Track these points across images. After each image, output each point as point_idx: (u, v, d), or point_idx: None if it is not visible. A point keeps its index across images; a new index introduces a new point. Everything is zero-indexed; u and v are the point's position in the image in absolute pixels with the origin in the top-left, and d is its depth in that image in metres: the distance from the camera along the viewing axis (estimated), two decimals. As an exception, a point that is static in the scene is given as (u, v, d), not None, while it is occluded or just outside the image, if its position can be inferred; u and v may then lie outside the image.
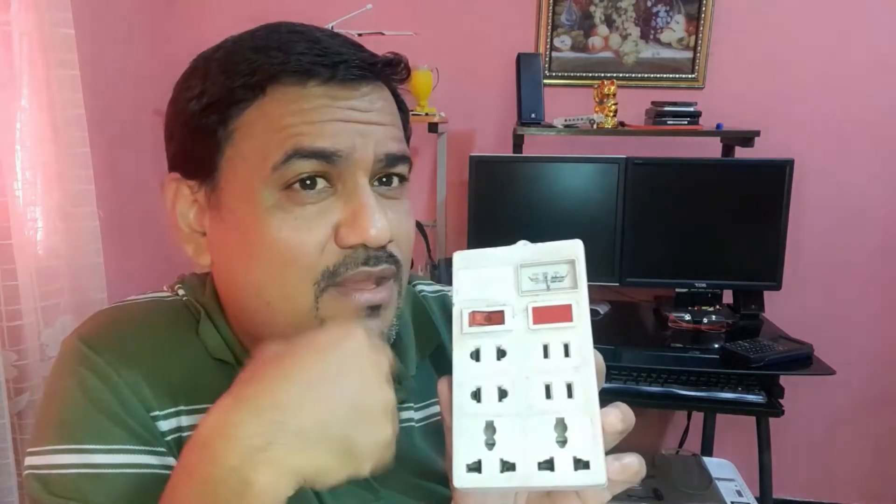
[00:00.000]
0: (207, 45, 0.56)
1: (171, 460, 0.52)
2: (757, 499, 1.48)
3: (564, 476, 0.38)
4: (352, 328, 0.44)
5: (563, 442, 0.38)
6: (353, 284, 0.51)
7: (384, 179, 0.54)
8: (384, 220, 0.50)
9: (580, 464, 0.38)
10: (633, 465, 0.40)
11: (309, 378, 0.41)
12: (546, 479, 0.38)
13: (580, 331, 0.41)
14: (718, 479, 1.45)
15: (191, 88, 0.53)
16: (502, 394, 0.40)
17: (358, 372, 0.42)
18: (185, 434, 0.53)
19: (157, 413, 0.52)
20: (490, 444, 0.39)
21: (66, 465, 0.49)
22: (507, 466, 0.39)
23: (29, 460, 0.51)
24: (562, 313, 0.41)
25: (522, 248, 0.44)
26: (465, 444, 0.39)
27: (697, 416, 2.18)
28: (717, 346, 1.82)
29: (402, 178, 0.55)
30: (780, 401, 1.70)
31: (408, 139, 0.58)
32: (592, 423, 0.38)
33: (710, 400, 1.70)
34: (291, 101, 0.50)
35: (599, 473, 0.37)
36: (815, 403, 2.25)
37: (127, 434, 0.50)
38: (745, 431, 1.96)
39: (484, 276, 0.44)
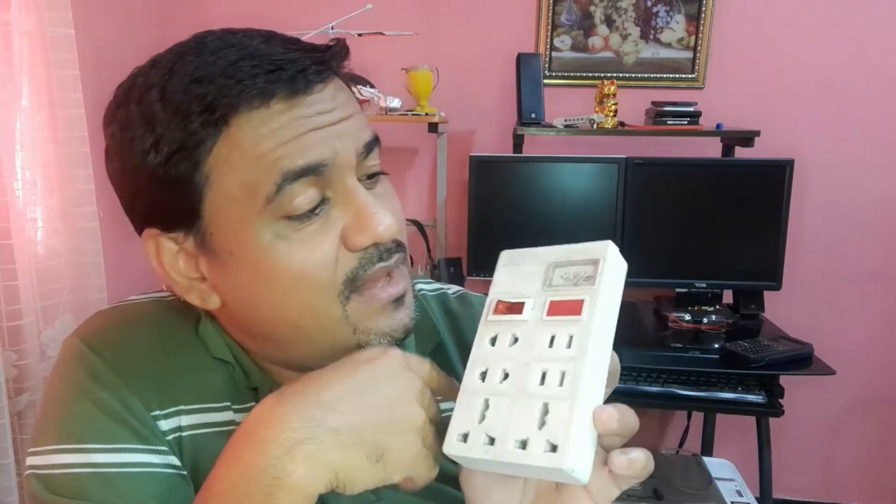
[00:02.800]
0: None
1: (172, 459, 0.52)
2: (757, 499, 1.48)
3: (533, 456, 0.39)
4: (389, 348, 0.49)
5: (542, 425, 0.40)
6: (372, 283, 0.51)
7: (364, 178, 0.53)
8: (389, 215, 0.50)
9: (552, 447, 0.39)
10: (639, 460, 0.40)
11: (348, 385, 0.45)
12: (518, 457, 0.40)
13: (587, 325, 0.42)
14: (718, 479, 1.45)
15: (139, 140, 0.48)
16: (505, 376, 0.43)
17: (391, 387, 0.46)
18: (184, 434, 0.53)
19: (157, 413, 0.52)
20: (481, 419, 0.42)
21: (68, 465, 0.49)
22: (489, 441, 0.41)
23: (30, 460, 0.51)
24: (573, 307, 0.43)
25: (560, 248, 0.47)
26: (461, 417, 0.43)
27: (697, 416, 2.18)
28: (717, 346, 1.82)
29: (378, 167, 0.54)
30: (780, 401, 1.71)
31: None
32: (571, 411, 0.39)
33: (710, 400, 1.70)
34: (260, 125, 0.47)
35: (564, 459, 0.38)
36: (815, 403, 2.25)
37: (128, 433, 0.50)
38: (745, 431, 1.96)
39: (520, 272, 0.47)
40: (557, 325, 0.43)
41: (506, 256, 0.49)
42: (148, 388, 0.52)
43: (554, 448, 0.39)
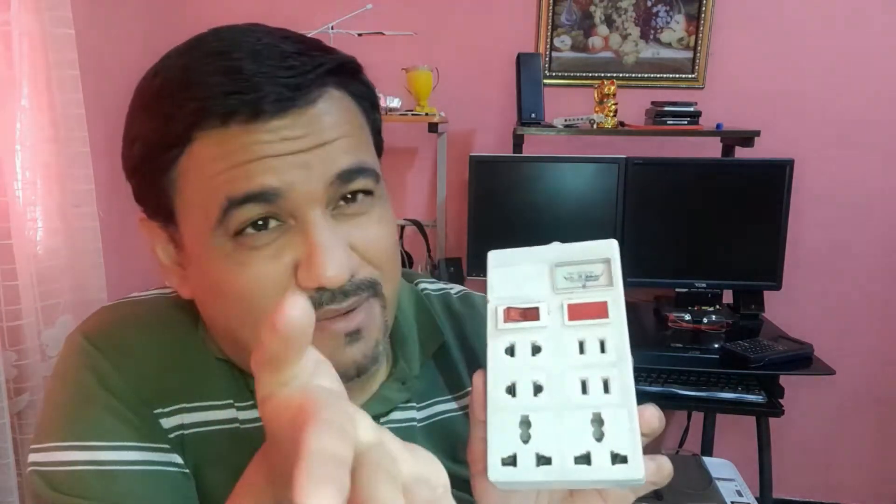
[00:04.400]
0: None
1: (174, 457, 0.52)
2: (757, 499, 1.48)
3: (602, 470, 0.37)
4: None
5: (599, 437, 0.38)
6: (324, 319, 0.49)
7: (348, 197, 0.49)
8: (341, 258, 0.47)
9: (618, 458, 0.37)
10: (667, 466, 0.40)
11: None
12: (583, 474, 0.38)
13: (616, 327, 0.41)
14: (718, 479, 1.45)
15: (130, 128, 0.50)
16: (537, 389, 0.40)
17: None
18: (187, 432, 0.53)
19: (159, 410, 0.52)
20: (525, 439, 0.39)
21: (71, 462, 0.49)
22: (543, 461, 0.38)
23: (32, 457, 0.51)
24: (597, 310, 0.41)
25: (557, 248, 0.44)
26: (500, 439, 0.40)
27: (697, 416, 2.18)
28: (717, 345, 1.82)
29: (367, 193, 0.50)
30: (780, 401, 1.70)
31: (379, 132, 0.55)
32: (630, 418, 0.38)
33: (710, 400, 1.70)
34: (215, 144, 0.46)
35: (637, 468, 0.37)
36: (815, 403, 2.25)
37: (131, 431, 0.50)
38: (745, 431, 1.96)
39: (518, 274, 0.44)
40: (584, 330, 0.41)
41: (495, 258, 0.45)
42: (150, 386, 0.52)
43: (620, 458, 0.37)
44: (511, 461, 0.39)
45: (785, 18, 2.11)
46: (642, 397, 0.37)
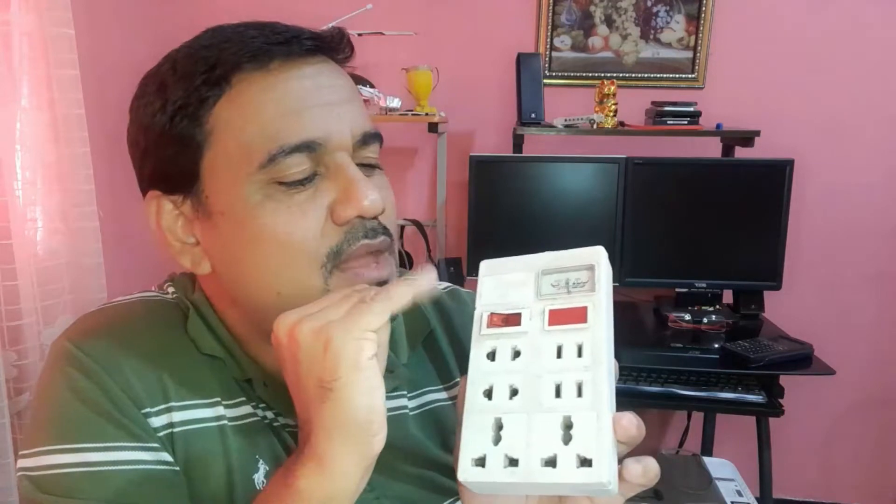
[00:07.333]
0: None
1: (164, 455, 0.52)
2: (757, 499, 1.48)
3: (567, 473, 0.38)
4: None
5: (568, 440, 0.38)
6: (356, 262, 0.51)
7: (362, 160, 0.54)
8: (376, 191, 0.51)
9: (584, 462, 0.38)
10: (653, 468, 0.40)
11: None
12: (548, 476, 0.38)
13: (594, 332, 0.41)
14: (718, 479, 1.45)
15: (150, 104, 0.52)
16: (513, 392, 0.41)
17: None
18: (176, 430, 0.53)
19: (148, 410, 0.52)
20: (496, 441, 0.40)
21: (60, 465, 0.49)
22: (511, 462, 0.39)
23: (21, 462, 0.51)
24: (577, 315, 0.42)
25: (546, 256, 0.45)
26: (472, 439, 0.41)
27: (697, 416, 2.18)
28: (716, 345, 1.82)
29: (375, 160, 0.56)
30: (780, 401, 1.70)
31: None
32: (599, 422, 0.38)
33: (710, 400, 1.70)
34: (260, 89, 0.50)
35: (602, 472, 0.37)
36: (815, 403, 2.25)
37: (119, 431, 0.50)
38: (745, 431, 1.96)
39: (506, 281, 0.45)
40: (562, 335, 0.41)
41: (487, 266, 0.46)
42: (138, 387, 0.52)
43: (586, 462, 0.37)
44: (481, 462, 0.40)
45: (785, 18, 2.11)
46: (643, 397, 0.37)
